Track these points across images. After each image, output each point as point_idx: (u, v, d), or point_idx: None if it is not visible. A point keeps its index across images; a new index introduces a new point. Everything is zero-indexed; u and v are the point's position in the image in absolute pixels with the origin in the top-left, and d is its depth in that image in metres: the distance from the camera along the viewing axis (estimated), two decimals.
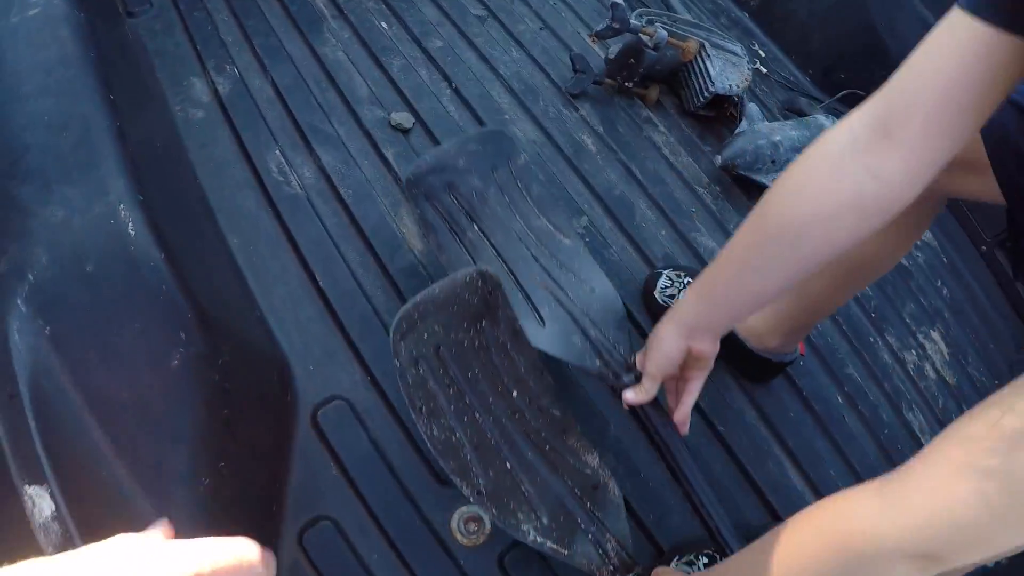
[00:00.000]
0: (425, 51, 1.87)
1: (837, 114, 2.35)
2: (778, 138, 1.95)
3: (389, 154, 1.67)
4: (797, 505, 1.33)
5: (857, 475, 1.54)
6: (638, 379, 1.15)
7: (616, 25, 1.82)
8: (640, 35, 1.85)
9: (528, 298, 1.28)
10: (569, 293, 1.28)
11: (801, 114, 2.21)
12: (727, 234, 1.86)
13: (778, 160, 1.95)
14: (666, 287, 1.53)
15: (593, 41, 2.10)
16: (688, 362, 1.09)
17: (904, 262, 2.04)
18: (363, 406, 1.33)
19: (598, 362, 1.20)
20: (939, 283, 2.11)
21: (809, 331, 1.48)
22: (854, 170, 0.82)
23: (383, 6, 1.96)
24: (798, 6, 2.45)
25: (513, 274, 1.31)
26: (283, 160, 1.60)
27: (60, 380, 0.88)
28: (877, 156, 0.81)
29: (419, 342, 1.12)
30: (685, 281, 1.51)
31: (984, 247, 2.24)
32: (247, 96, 1.68)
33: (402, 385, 1.10)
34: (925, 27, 0.78)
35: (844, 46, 2.39)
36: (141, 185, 1.04)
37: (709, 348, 1.06)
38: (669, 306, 1.35)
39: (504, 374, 1.17)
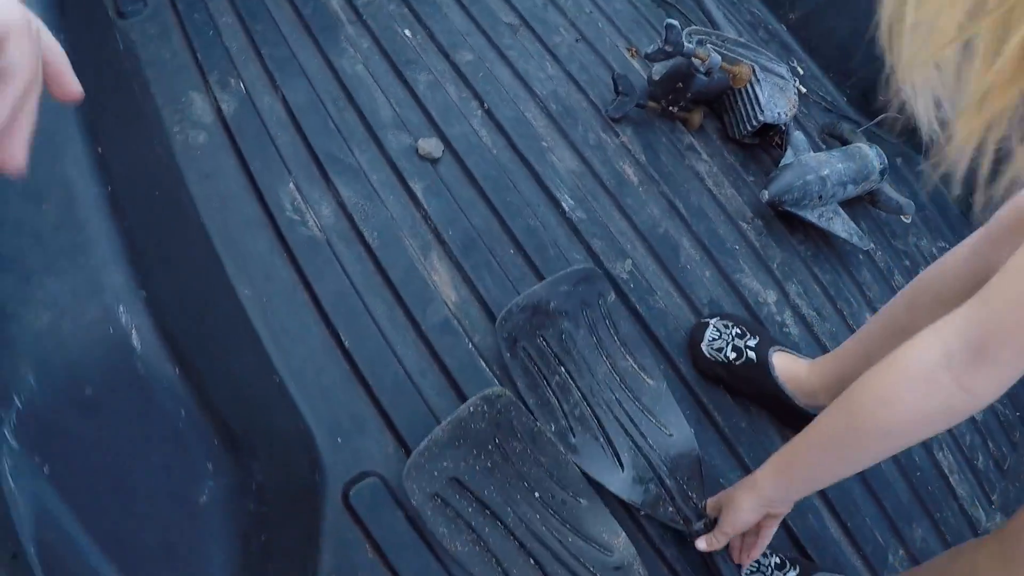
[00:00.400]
0: (453, 65, 1.68)
1: (878, 141, 2.22)
2: (826, 172, 1.80)
3: (417, 188, 1.49)
4: (836, 559, 1.38)
5: (891, 521, 1.50)
6: (708, 526, 1.20)
7: (669, 48, 1.65)
8: (692, 59, 1.68)
9: (610, 443, 1.30)
10: (649, 439, 1.31)
11: (843, 141, 2.07)
12: (770, 272, 1.75)
13: (825, 195, 1.81)
14: (714, 339, 1.45)
15: (632, 55, 1.92)
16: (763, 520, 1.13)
17: None
18: (398, 482, 1.16)
19: (671, 510, 1.25)
20: None
21: None
22: (948, 387, 0.84)
23: (406, 10, 1.75)
24: (840, 22, 2.31)
25: (597, 419, 1.31)
26: (298, 195, 1.41)
27: (69, 530, 0.70)
28: (971, 376, 0.82)
29: (432, 480, 1.13)
30: (733, 332, 1.44)
31: None
32: (255, 116, 1.48)
33: (422, 519, 1.11)
34: None
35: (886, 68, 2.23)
36: (144, 272, 0.84)
37: (785, 510, 1.11)
38: (717, 360, 1.42)
39: (526, 479, 1.20)
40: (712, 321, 1.48)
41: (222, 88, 1.50)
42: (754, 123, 1.82)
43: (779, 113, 1.82)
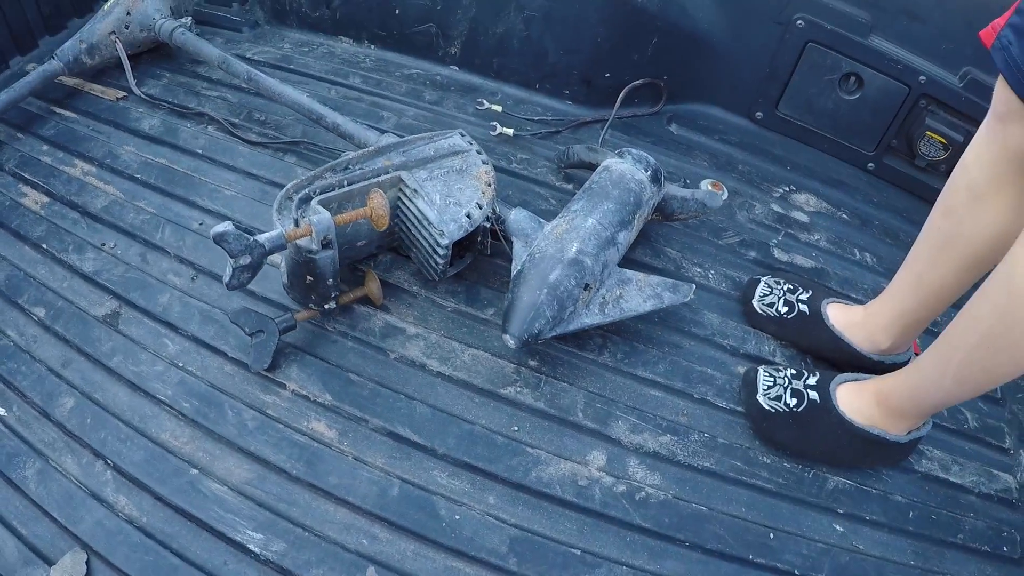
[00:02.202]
0: (58, 425, 1.28)
1: (630, 131, 1.70)
2: (574, 249, 1.27)
3: None
4: None
5: None
6: None
7: (245, 262, 1.10)
8: (295, 244, 1.14)
9: None
10: None
11: (588, 166, 1.53)
12: (578, 428, 1.28)
13: (592, 279, 1.28)
14: (765, 295, 1.45)
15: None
16: None
17: None
18: None
19: None
20: None
21: (925, 328, 1.33)
22: None
23: None
24: (508, 22, 1.82)
25: None
26: None
27: None
28: None
29: None
30: (784, 288, 1.44)
31: None
32: None
33: None
34: None
35: (592, 37, 1.77)
36: None
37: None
38: (768, 315, 1.43)
39: None
40: (763, 278, 1.47)
41: None
42: (441, 253, 1.27)
43: (467, 215, 1.28)
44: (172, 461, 1.20)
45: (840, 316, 1.37)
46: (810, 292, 1.42)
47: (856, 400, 1.24)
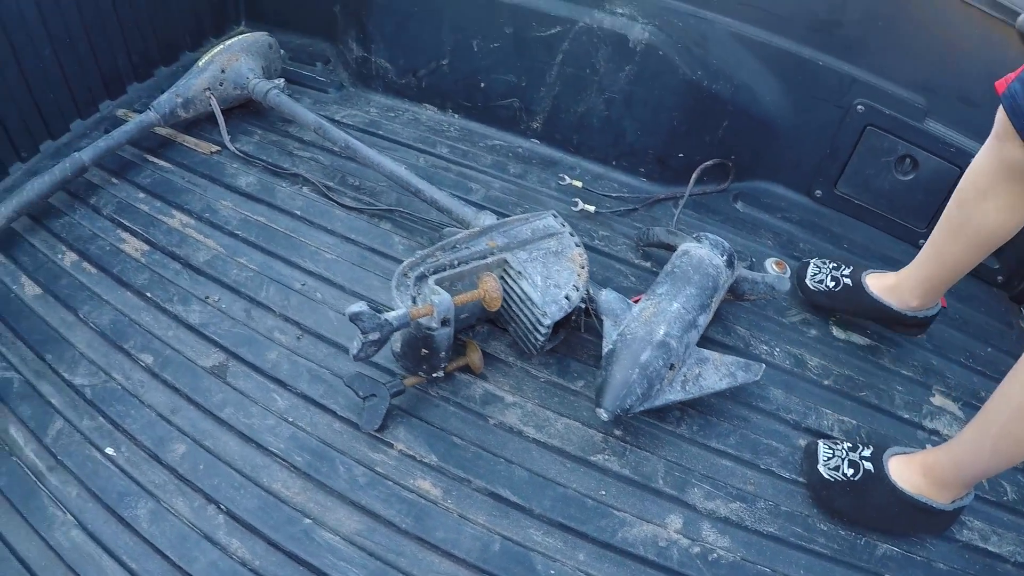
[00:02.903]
0: (170, 469, 1.37)
1: (705, 210, 1.84)
2: (662, 332, 1.40)
3: None
4: None
5: None
6: None
7: (375, 337, 1.25)
8: (418, 321, 1.28)
9: None
10: None
11: (666, 247, 1.67)
12: (658, 494, 1.40)
13: (677, 359, 1.41)
14: (814, 274, 1.73)
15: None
16: None
17: None
18: None
19: None
20: None
21: (945, 290, 1.60)
22: None
23: (100, 420, 1.44)
24: (590, 102, 1.95)
25: None
26: None
27: None
28: None
29: None
30: (830, 266, 1.73)
31: None
32: None
33: None
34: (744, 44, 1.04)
35: (669, 120, 1.91)
36: None
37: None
38: (819, 290, 1.72)
39: None
40: (812, 260, 1.75)
41: None
42: (542, 331, 1.41)
43: (566, 297, 1.42)
44: (285, 510, 1.30)
45: (877, 283, 1.64)
46: (851, 268, 1.69)
47: (905, 471, 1.36)
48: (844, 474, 1.39)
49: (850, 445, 1.44)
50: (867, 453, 1.41)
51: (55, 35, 2.04)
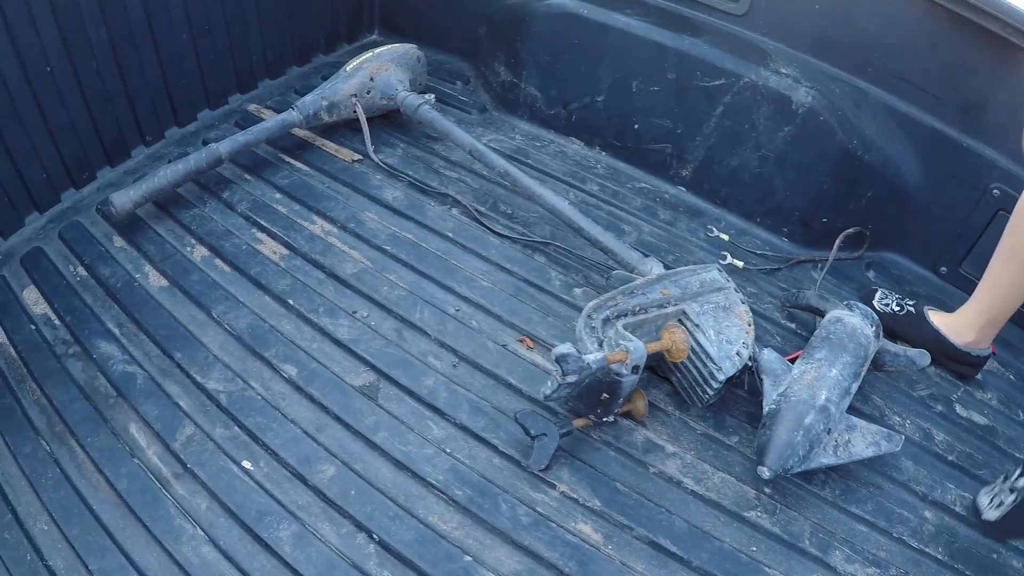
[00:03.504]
0: (316, 491, 1.37)
1: (842, 276, 1.91)
2: (823, 397, 1.46)
3: None
4: None
5: None
6: None
7: (572, 379, 1.31)
8: (610, 366, 1.34)
9: None
10: None
11: (815, 311, 1.74)
12: (804, 554, 1.44)
13: (833, 424, 1.47)
14: (882, 299, 1.88)
15: (529, 348, 1.59)
16: None
17: None
18: None
19: None
20: None
21: (1000, 328, 1.74)
22: None
23: (236, 429, 1.45)
24: (744, 157, 2.01)
25: None
26: None
27: None
28: None
29: None
30: (894, 296, 1.88)
31: None
32: None
33: None
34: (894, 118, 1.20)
35: (819, 183, 1.97)
36: None
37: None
38: (885, 312, 1.85)
39: None
40: (879, 289, 1.90)
41: None
42: (714, 385, 1.48)
43: (737, 353, 1.48)
44: (443, 545, 1.30)
45: (937, 317, 1.79)
46: (915, 301, 1.85)
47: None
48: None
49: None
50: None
51: (195, 23, 2.06)
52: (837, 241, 1.92)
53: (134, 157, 2.09)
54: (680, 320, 1.51)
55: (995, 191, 1.88)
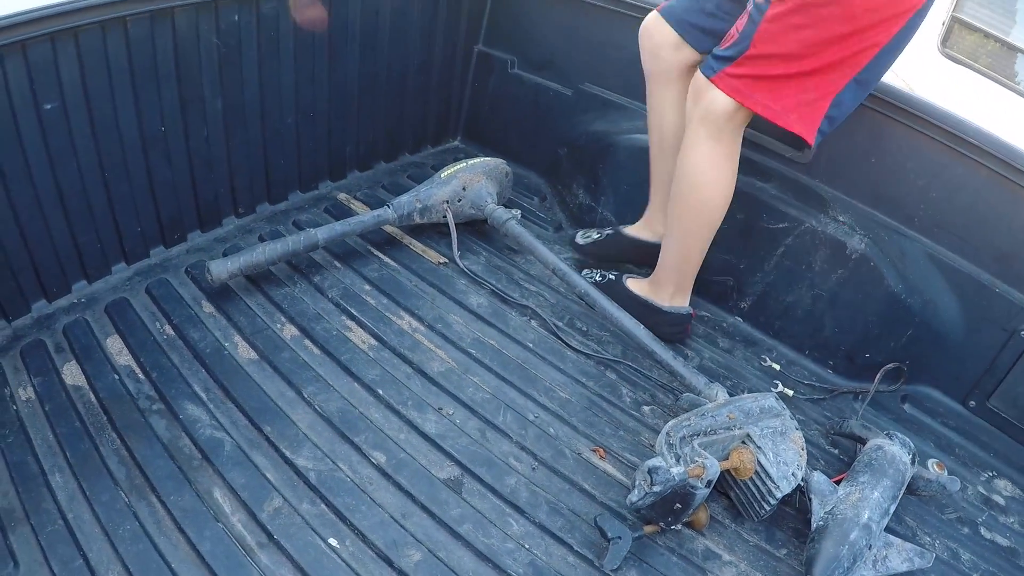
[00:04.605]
0: (403, 574, 1.49)
1: (883, 409, 2.15)
2: (866, 516, 1.69)
3: None
4: None
5: None
6: None
7: (657, 489, 1.55)
8: (688, 480, 1.59)
9: None
10: None
11: (857, 439, 1.98)
12: None
13: (873, 542, 1.71)
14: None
15: (601, 457, 1.82)
16: None
17: None
18: None
19: None
20: None
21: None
22: None
23: (323, 507, 1.57)
24: (798, 294, 2.26)
25: None
26: None
27: None
28: None
29: None
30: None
31: None
32: None
33: None
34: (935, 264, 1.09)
35: (865, 322, 2.21)
36: None
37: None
38: (587, 244, 2.39)
39: None
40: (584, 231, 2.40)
41: None
42: (772, 502, 1.71)
43: (792, 474, 1.73)
44: None
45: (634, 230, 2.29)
46: (614, 229, 2.33)
47: None
48: None
49: None
50: None
51: (302, 108, 2.27)
52: (878, 376, 2.17)
53: (225, 226, 2.27)
54: (744, 441, 1.76)
55: (1023, 333, 2.13)
